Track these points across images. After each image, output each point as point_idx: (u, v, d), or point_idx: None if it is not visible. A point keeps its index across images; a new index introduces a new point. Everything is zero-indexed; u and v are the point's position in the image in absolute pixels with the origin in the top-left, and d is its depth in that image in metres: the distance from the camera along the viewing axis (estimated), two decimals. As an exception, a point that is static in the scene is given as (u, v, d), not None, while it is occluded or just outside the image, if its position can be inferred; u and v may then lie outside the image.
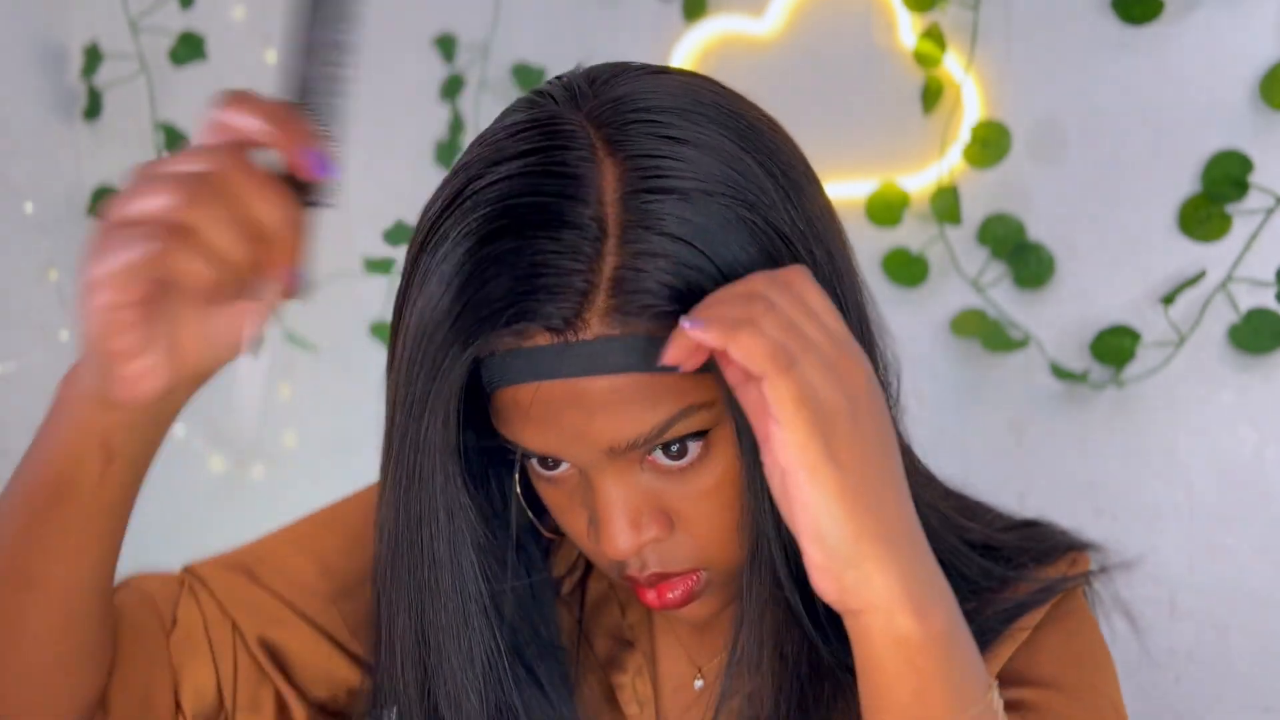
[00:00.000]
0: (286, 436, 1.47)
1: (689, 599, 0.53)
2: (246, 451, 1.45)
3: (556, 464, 0.52)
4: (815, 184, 0.54)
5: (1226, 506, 1.05)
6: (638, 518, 0.50)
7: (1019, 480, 1.12)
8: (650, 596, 0.53)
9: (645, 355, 0.47)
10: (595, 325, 0.47)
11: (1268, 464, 1.03)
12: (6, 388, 1.14)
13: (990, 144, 1.09)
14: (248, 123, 0.45)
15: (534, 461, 0.53)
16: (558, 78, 0.54)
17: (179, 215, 0.41)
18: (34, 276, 1.20)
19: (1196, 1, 1.02)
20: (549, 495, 0.54)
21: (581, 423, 0.48)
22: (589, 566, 0.64)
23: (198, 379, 0.49)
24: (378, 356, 1.45)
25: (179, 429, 1.39)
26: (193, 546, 1.50)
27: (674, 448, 0.50)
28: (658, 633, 0.64)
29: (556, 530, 0.58)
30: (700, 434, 0.49)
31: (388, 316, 1.44)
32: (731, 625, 0.58)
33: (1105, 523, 1.10)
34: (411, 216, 1.65)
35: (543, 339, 0.48)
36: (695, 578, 0.53)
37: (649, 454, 0.50)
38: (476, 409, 0.52)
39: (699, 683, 0.62)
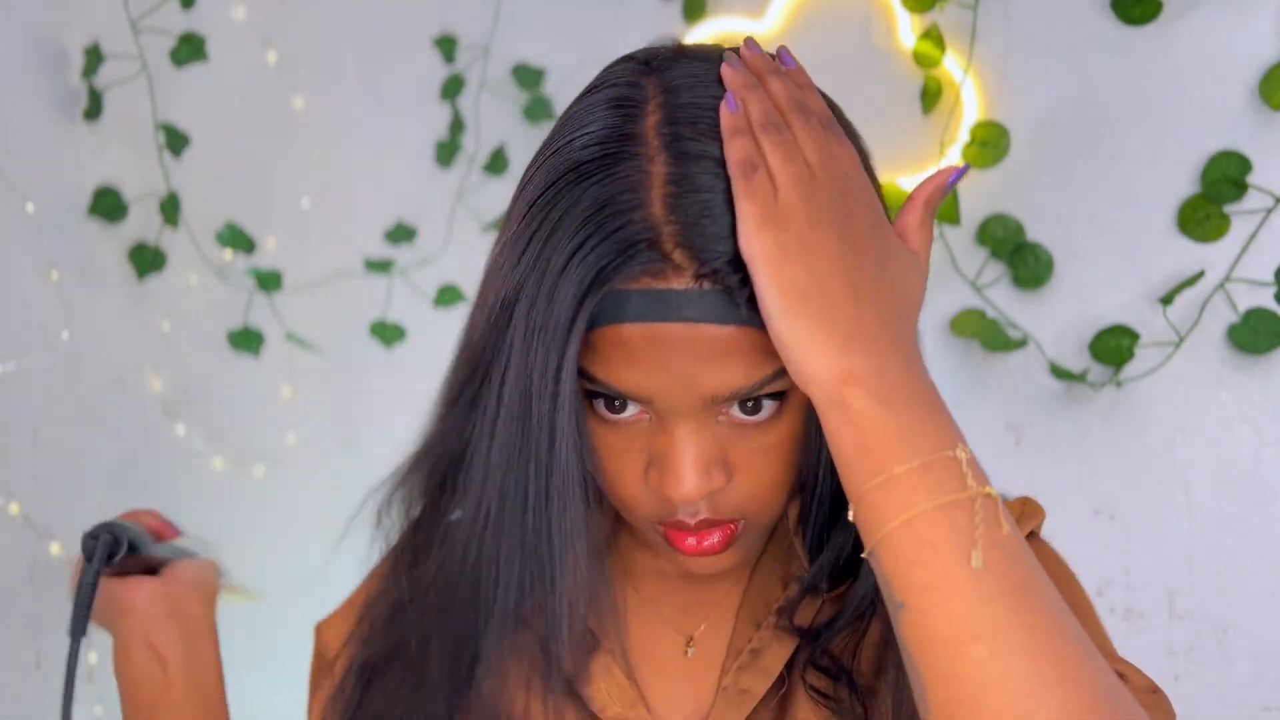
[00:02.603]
0: (287, 436, 1.47)
1: (726, 545, 0.57)
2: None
3: (624, 407, 0.54)
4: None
5: (1225, 506, 1.05)
6: (708, 465, 0.53)
7: (1017, 480, 1.12)
8: (690, 543, 0.56)
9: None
10: (725, 275, 0.50)
11: (1267, 464, 1.03)
12: (6, 388, 1.14)
13: (989, 144, 1.09)
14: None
15: (599, 403, 0.54)
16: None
17: None
18: (34, 276, 1.20)
19: (1196, 1, 1.02)
20: (605, 438, 0.56)
21: (692, 368, 0.51)
22: None
23: (195, 589, 0.74)
24: (378, 356, 1.45)
25: (179, 428, 1.39)
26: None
27: (749, 403, 0.53)
28: (635, 616, 0.66)
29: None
30: (779, 395, 0.53)
31: (388, 316, 1.45)
32: (725, 587, 0.62)
33: (1104, 523, 1.10)
34: (412, 216, 1.68)
35: (678, 282, 0.50)
36: (735, 526, 0.57)
37: (728, 407, 0.53)
38: None
39: (690, 651, 0.64)
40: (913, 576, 0.45)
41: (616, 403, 0.54)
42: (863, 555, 0.49)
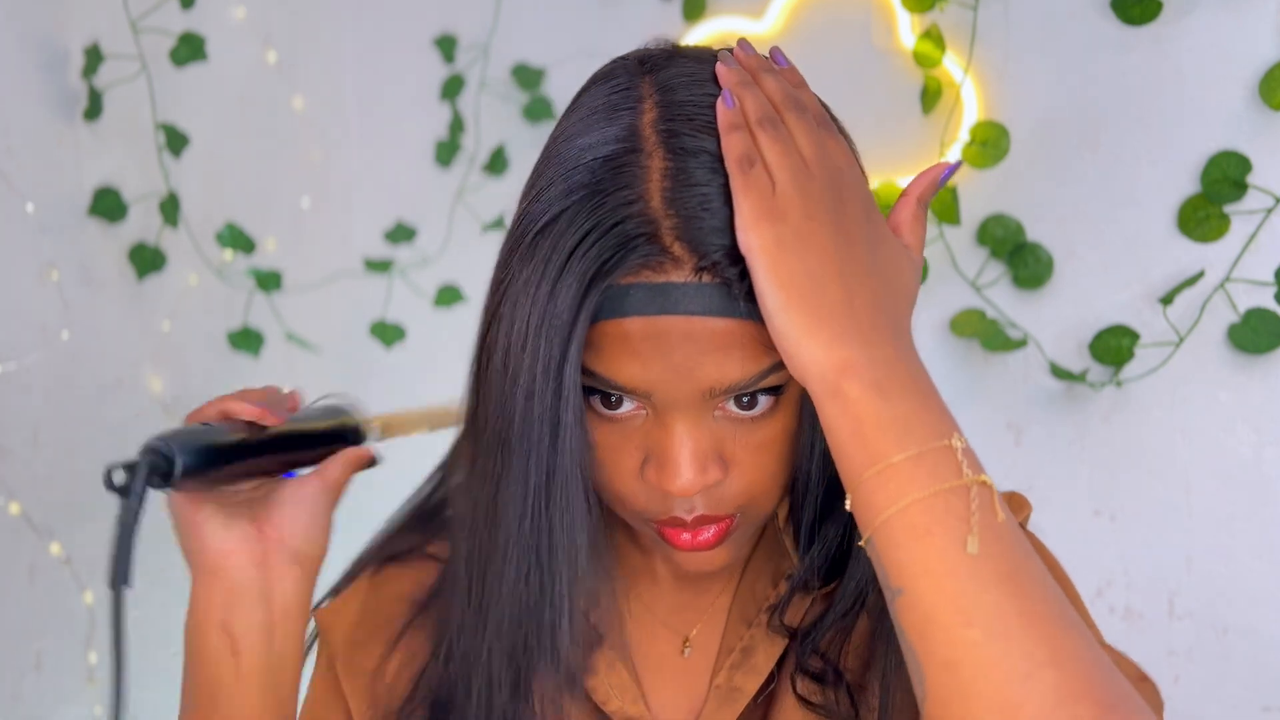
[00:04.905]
0: (286, 436, 1.47)
1: (721, 539, 0.57)
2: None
3: (620, 403, 0.54)
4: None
5: (1225, 506, 1.05)
6: (704, 460, 0.54)
7: (1018, 480, 1.12)
8: (684, 538, 0.57)
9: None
10: (723, 268, 0.50)
11: (1266, 464, 1.03)
12: (6, 388, 1.14)
13: (989, 144, 1.09)
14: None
15: (595, 399, 0.55)
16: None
17: None
18: (34, 276, 1.20)
19: (1196, 2, 1.02)
20: (601, 435, 0.56)
21: (691, 361, 0.51)
22: None
23: (296, 561, 0.61)
24: (378, 356, 1.45)
25: (179, 429, 1.39)
26: (193, 546, 1.49)
27: (745, 398, 0.54)
28: (632, 619, 0.66)
29: None
30: (776, 390, 0.54)
31: (388, 316, 1.45)
32: (718, 587, 0.65)
33: (1104, 523, 1.10)
34: (411, 216, 1.68)
35: (677, 275, 0.50)
36: (730, 521, 0.57)
37: (725, 401, 0.53)
38: None
39: (688, 651, 0.64)
40: (909, 562, 0.46)
41: (613, 398, 0.54)
42: (859, 544, 0.49)
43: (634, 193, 0.50)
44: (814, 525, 0.60)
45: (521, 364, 0.52)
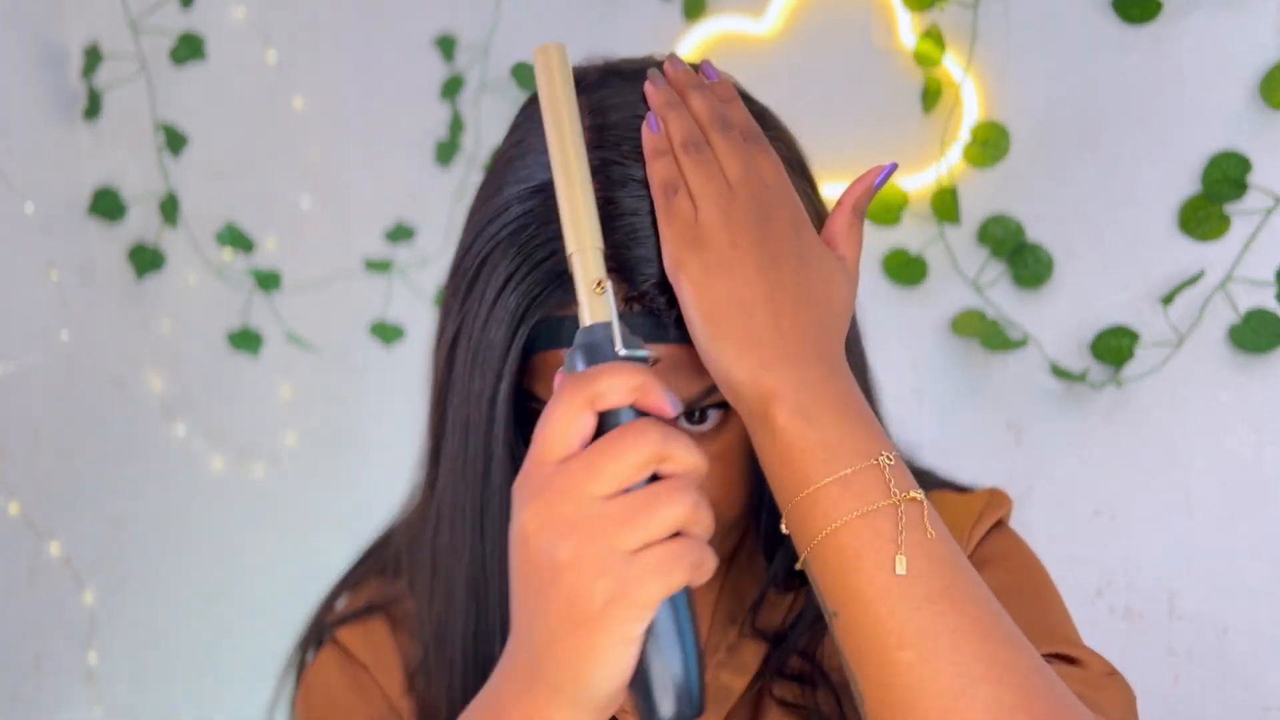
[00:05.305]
0: (286, 436, 1.47)
1: None
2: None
3: None
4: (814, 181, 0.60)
5: (1226, 506, 1.05)
6: None
7: (1018, 480, 1.12)
8: None
9: None
10: (652, 298, 0.51)
11: (1267, 464, 1.03)
12: (6, 388, 1.14)
13: (990, 144, 1.10)
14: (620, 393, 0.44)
15: None
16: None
17: (693, 524, 0.43)
18: (34, 276, 1.20)
19: (1196, 1, 1.02)
20: None
21: None
22: None
23: None
24: (378, 356, 1.45)
25: (179, 428, 1.39)
26: (193, 546, 1.51)
27: (695, 415, 0.55)
28: None
29: None
30: (724, 404, 0.54)
31: (388, 316, 1.45)
32: (703, 587, 0.63)
33: (1104, 523, 1.10)
34: (412, 216, 1.67)
35: None
36: None
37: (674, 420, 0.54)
38: None
39: None
40: (841, 585, 0.46)
41: None
42: (796, 567, 0.49)
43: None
44: (775, 528, 0.61)
45: (462, 396, 0.53)
